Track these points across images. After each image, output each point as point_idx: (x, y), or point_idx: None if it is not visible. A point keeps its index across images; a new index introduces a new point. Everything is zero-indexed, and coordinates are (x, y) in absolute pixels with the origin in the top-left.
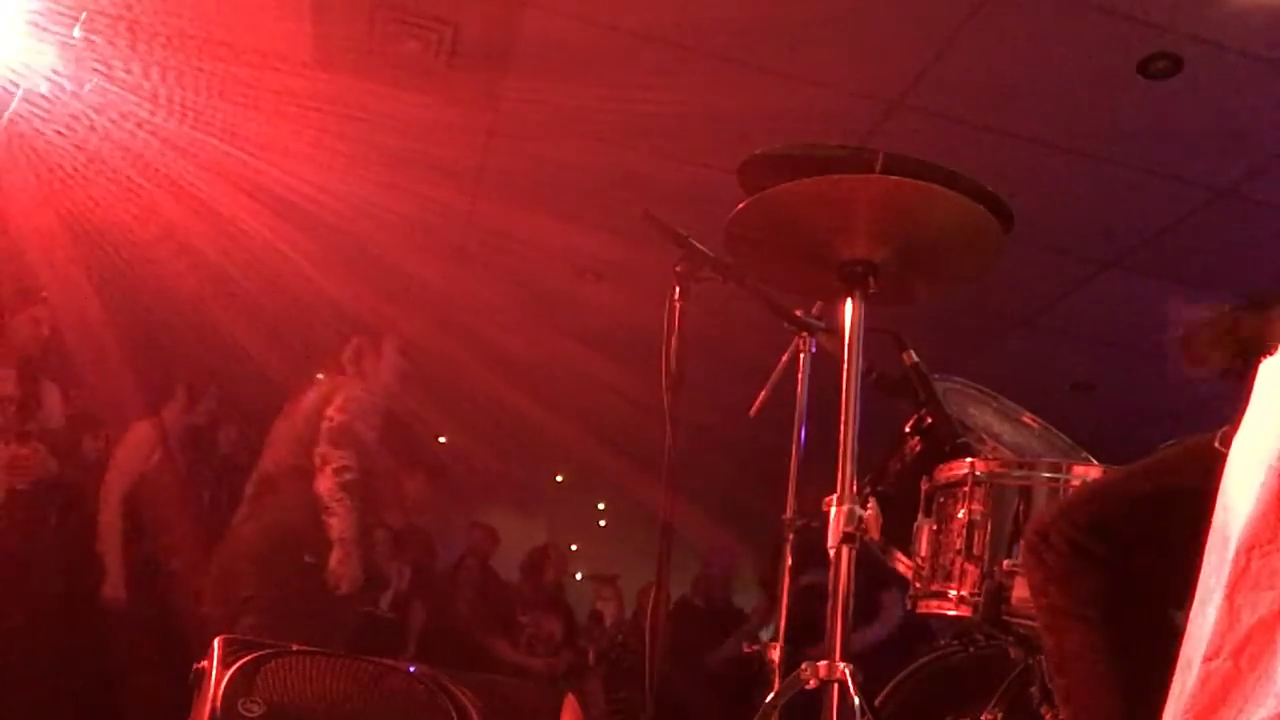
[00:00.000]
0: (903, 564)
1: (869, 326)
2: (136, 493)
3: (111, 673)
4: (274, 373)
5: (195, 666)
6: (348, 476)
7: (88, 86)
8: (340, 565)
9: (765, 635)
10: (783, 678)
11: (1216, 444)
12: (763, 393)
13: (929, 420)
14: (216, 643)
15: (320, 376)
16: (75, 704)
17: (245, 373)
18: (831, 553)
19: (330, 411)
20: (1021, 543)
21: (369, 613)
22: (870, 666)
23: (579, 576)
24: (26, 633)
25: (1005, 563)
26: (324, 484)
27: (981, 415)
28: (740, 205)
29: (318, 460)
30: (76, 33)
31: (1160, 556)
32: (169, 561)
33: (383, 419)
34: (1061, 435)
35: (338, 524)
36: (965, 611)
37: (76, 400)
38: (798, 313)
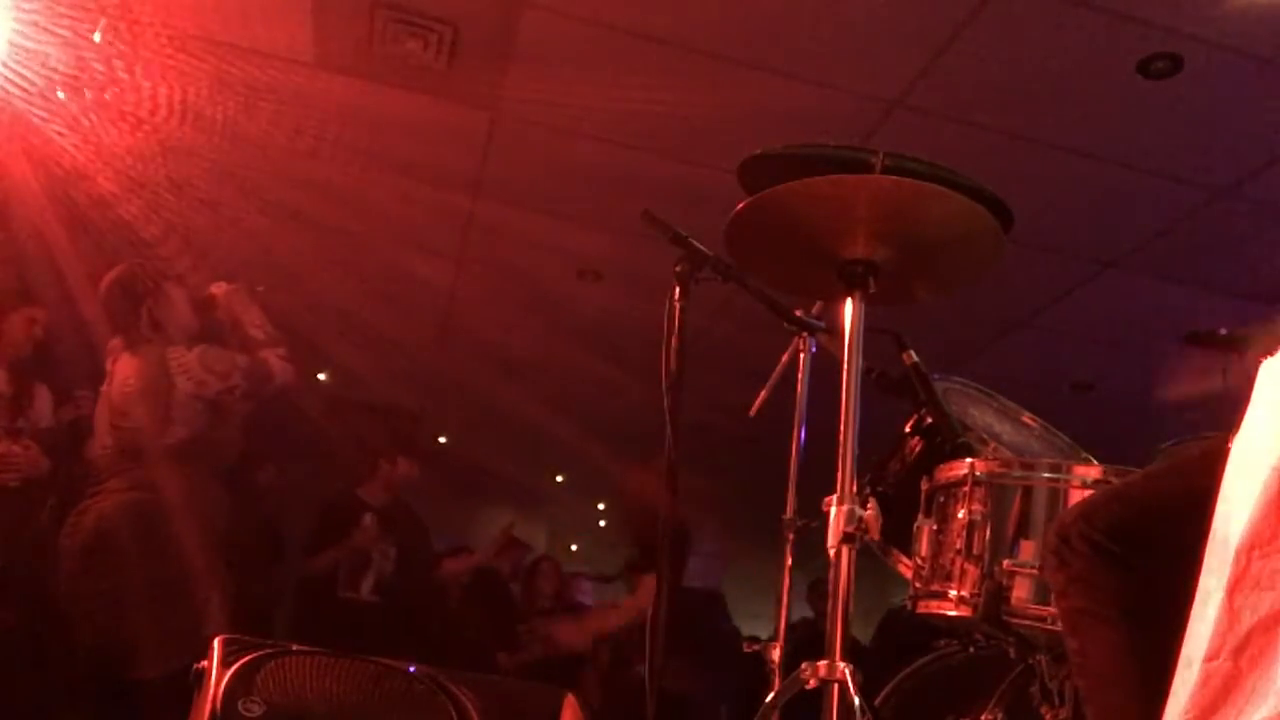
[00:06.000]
0: (903, 564)
1: (869, 326)
2: None
3: (112, 672)
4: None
5: (195, 666)
6: None
7: (88, 94)
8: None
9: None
10: (783, 678)
11: (1232, 445)
12: (763, 393)
13: (929, 420)
14: (216, 643)
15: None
16: (69, 705)
17: None
18: (831, 553)
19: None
20: (1043, 544)
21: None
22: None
23: None
24: (19, 631)
25: (1005, 563)
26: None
27: (981, 415)
28: (740, 205)
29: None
30: (96, 37)
31: (1181, 558)
32: None
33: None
34: (1061, 435)
35: None
36: (965, 611)
37: (73, 404)
38: (798, 313)
